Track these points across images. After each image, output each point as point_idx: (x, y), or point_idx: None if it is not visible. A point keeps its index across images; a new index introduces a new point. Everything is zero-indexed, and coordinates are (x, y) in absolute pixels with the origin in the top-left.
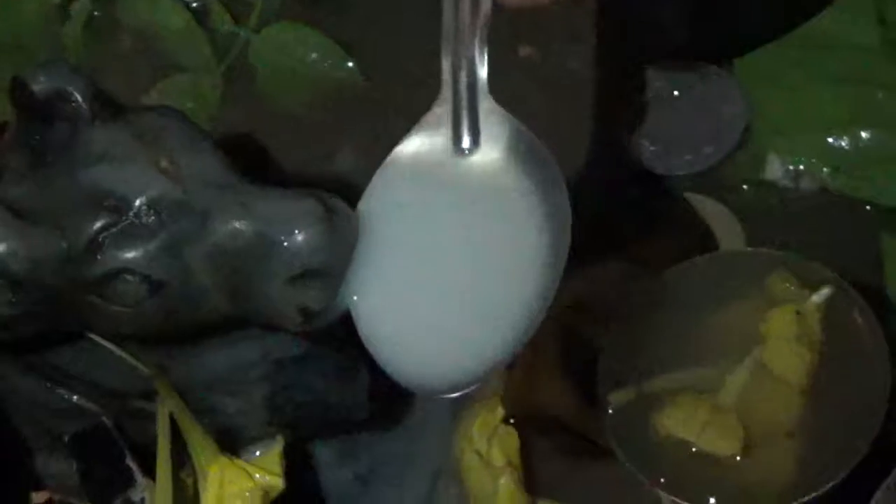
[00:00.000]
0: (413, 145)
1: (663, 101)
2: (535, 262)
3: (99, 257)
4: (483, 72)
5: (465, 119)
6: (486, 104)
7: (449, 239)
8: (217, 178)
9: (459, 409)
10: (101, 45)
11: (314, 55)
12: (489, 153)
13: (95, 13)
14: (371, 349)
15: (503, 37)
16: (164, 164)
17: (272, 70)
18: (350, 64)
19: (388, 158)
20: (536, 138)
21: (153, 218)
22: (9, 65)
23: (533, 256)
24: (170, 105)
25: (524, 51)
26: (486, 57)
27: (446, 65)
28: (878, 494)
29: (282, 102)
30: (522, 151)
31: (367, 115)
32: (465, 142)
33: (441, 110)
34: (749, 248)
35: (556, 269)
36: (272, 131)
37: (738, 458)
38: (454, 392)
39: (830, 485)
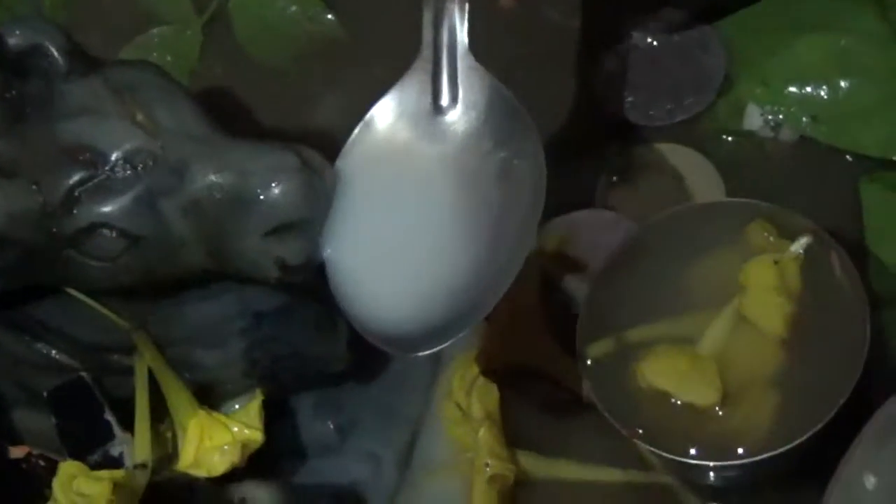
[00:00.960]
0: (392, 102)
1: (642, 51)
2: (511, 218)
3: (75, 211)
4: (464, 30)
5: (445, 77)
6: (466, 62)
7: (425, 195)
8: (194, 132)
9: (439, 361)
10: None
11: (294, 7)
12: (467, 111)
13: None
14: (342, 304)
15: None
16: (140, 117)
17: (252, 23)
18: (330, 16)
19: (367, 115)
20: (513, 96)
21: (129, 172)
22: None
23: (508, 213)
24: (146, 59)
25: (505, 1)
26: (466, 15)
27: (427, 22)
28: (857, 441)
29: (261, 56)
30: (499, 109)
31: (347, 67)
32: (444, 99)
33: (420, 67)
34: (729, 199)
35: (532, 225)
36: (251, 85)
37: (718, 408)
38: (424, 350)
39: (809, 434)
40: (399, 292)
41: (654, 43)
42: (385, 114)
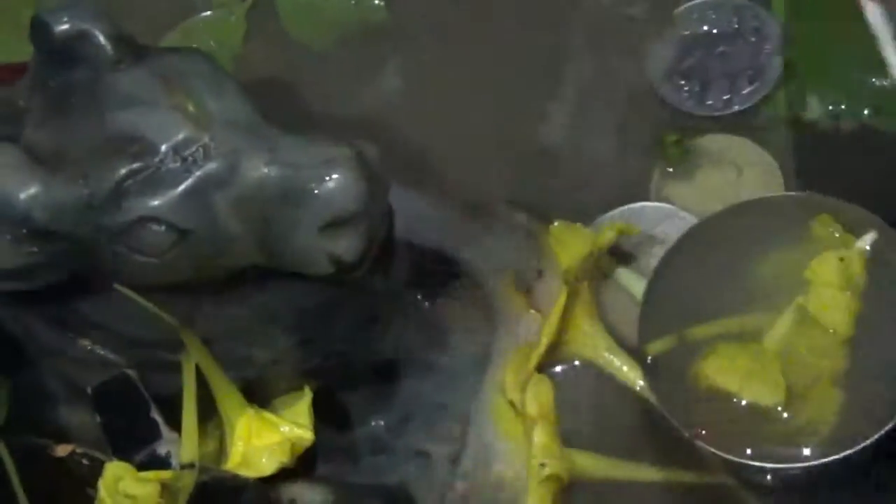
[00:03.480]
0: None
1: (699, 39)
2: None
3: (124, 205)
4: None
5: None
6: None
7: None
8: (244, 123)
9: (490, 356)
10: None
11: None
12: None
13: None
14: None
15: None
16: (190, 108)
17: (296, 8)
18: (376, 1)
19: None
20: None
21: (179, 164)
22: (24, 5)
23: None
24: (194, 47)
25: None
26: None
27: None
28: None
29: (306, 41)
30: None
31: (393, 53)
32: None
33: None
34: (791, 193)
35: None
36: (296, 70)
37: (781, 408)
38: None
39: (875, 437)
40: None
41: (712, 30)
42: None
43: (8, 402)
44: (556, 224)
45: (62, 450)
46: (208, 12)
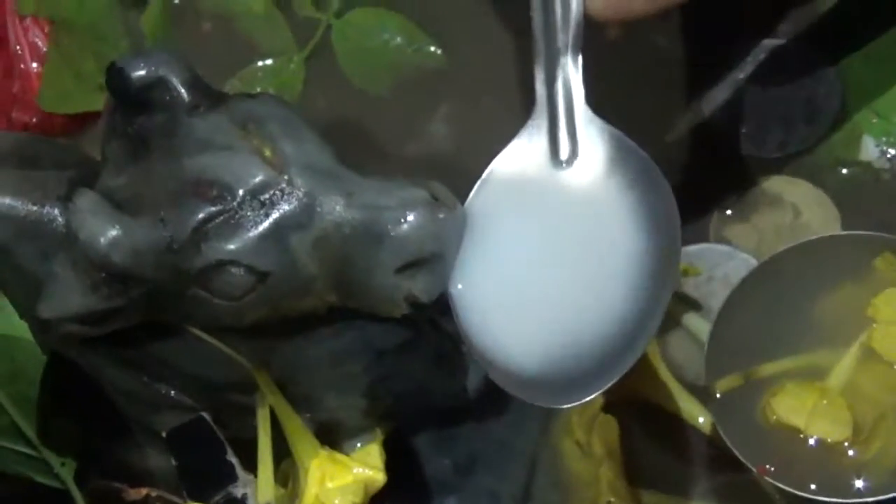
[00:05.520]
0: (510, 158)
1: (753, 81)
2: (644, 269)
3: (202, 248)
4: (578, 82)
5: (563, 132)
6: (584, 115)
7: (552, 249)
8: (320, 166)
9: None
10: (179, 31)
11: (398, 39)
12: (589, 164)
13: (175, 0)
14: (472, 341)
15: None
16: (266, 152)
17: (355, 55)
18: (433, 48)
19: (486, 173)
20: (637, 146)
21: (257, 207)
22: (88, 53)
23: (641, 264)
24: (268, 92)
25: (612, 32)
26: (580, 67)
27: (539, 77)
28: None
29: (365, 86)
30: (623, 159)
31: (451, 98)
32: (564, 154)
33: (537, 123)
34: (853, 232)
35: (669, 274)
36: (356, 116)
37: (847, 444)
38: (556, 404)
39: None
40: (530, 337)
41: (766, 73)
42: (504, 170)
43: (82, 445)
44: None
45: (136, 493)
46: (268, 60)
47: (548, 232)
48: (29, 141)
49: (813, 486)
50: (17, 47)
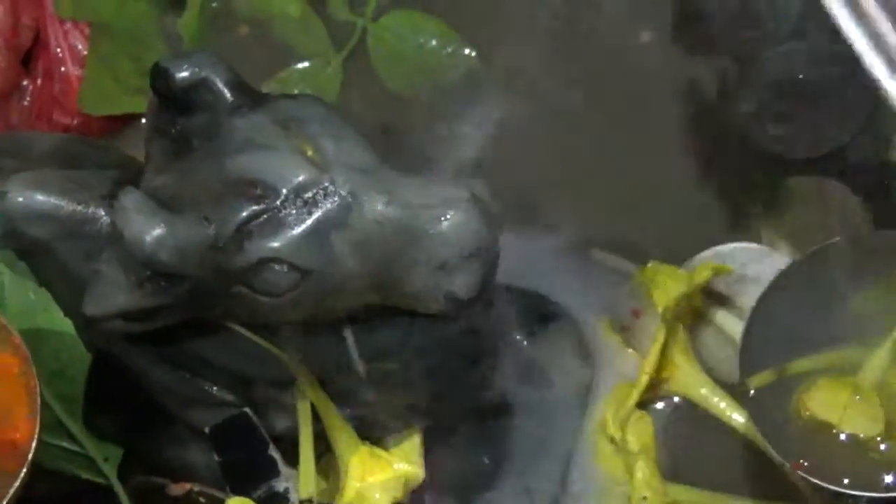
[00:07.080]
0: None
1: (785, 83)
2: None
3: (246, 246)
4: None
5: None
6: None
7: None
8: (361, 165)
9: (591, 394)
10: (216, 34)
11: (433, 42)
12: None
13: (212, 3)
14: None
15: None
16: (309, 151)
17: (390, 58)
18: (468, 50)
19: None
20: None
21: (300, 206)
22: (127, 56)
23: None
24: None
25: (644, 36)
26: None
27: None
28: None
29: (400, 89)
30: None
31: (485, 98)
32: None
33: None
34: (885, 231)
35: None
36: (391, 118)
37: (880, 439)
38: None
39: None
40: None
41: (798, 75)
42: None
43: (125, 441)
44: (650, 265)
45: (179, 488)
46: (305, 63)
47: None
48: (70, 142)
49: (846, 481)
50: (58, 50)
